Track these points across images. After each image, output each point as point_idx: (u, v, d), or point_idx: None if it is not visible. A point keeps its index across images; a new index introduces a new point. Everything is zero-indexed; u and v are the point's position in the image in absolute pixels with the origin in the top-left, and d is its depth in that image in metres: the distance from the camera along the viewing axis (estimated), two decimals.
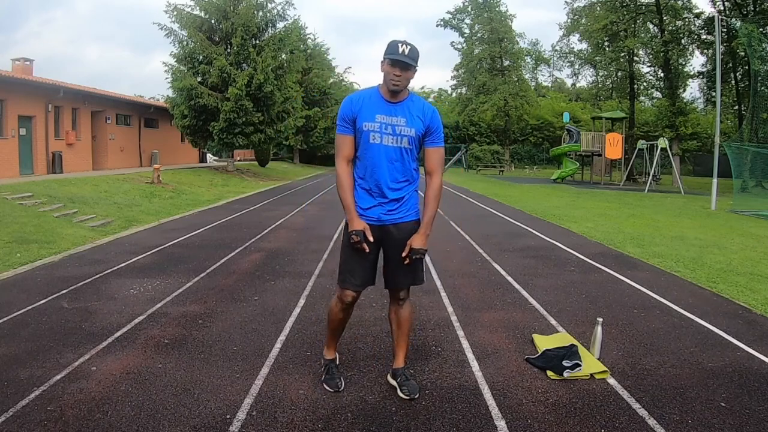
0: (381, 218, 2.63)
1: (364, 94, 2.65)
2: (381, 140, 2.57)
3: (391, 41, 2.52)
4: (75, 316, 3.97)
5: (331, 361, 2.88)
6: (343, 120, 2.62)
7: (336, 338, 2.89)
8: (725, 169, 15.25)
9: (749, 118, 18.94)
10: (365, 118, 2.57)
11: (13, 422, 2.41)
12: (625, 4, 26.42)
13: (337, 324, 2.81)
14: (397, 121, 2.57)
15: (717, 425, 2.43)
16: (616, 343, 3.48)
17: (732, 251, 6.95)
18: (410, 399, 2.69)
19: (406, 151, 2.61)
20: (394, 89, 2.53)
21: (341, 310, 2.74)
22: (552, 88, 55.40)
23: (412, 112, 2.60)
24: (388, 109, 2.58)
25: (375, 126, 2.56)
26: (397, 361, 2.86)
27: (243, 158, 34.78)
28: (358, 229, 2.56)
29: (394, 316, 2.80)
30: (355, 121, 2.59)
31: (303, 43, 34.94)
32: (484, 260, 6.21)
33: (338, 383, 2.77)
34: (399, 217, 2.66)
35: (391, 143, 2.58)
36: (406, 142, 2.59)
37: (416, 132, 2.59)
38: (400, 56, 2.47)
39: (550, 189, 19.88)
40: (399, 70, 2.49)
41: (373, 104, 2.59)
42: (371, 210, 2.63)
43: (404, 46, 2.49)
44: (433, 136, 2.65)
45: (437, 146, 2.67)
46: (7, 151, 14.26)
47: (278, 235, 8.11)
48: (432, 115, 2.64)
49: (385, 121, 2.57)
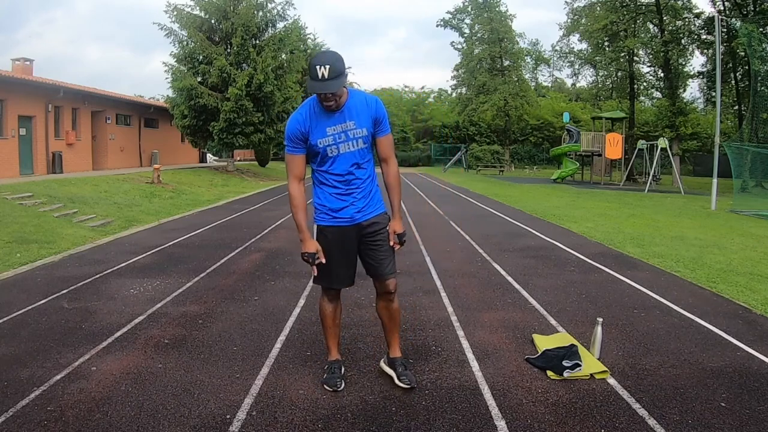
0: (354, 217, 2.70)
1: (307, 110, 2.62)
2: (338, 150, 2.62)
3: (311, 62, 2.45)
4: (75, 316, 3.97)
5: (334, 361, 2.89)
6: (291, 140, 2.64)
7: (334, 338, 2.91)
8: (725, 169, 15.24)
9: (749, 118, 18.94)
10: (317, 135, 2.59)
11: (13, 422, 2.41)
12: (625, 4, 26.41)
13: (331, 320, 2.85)
14: (348, 126, 2.61)
15: (717, 425, 2.43)
16: (616, 343, 3.48)
17: (732, 251, 6.95)
18: (410, 388, 2.76)
19: (363, 151, 2.67)
20: (329, 110, 2.56)
21: (329, 302, 2.83)
22: (552, 88, 55.35)
23: (358, 111, 2.62)
24: (335, 119, 2.60)
25: (329, 140, 2.60)
26: (394, 351, 2.92)
27: (243, 158, 34.79)
28: (311, 251, 2.66)
29: (384, 311, 2.88)
30: (307, 139, 2.61)
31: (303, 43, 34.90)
32: (484, 260, 6.21)
33: (337, 383, 2.77)
34: (369, 212, 2.73)
35: (348, 149, 2.63)
36: (362, 142, 2.65)
37: (368, 130, 2.65)
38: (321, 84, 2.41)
39: (550, 189, 19.88)
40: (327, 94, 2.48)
41: (320, 118, 2.60)
42: (343, 211, 2.69)
43: (322, 68, 2.40)
44: (381, 126, 2.69)
45: (386, 134, 2.73)
46: (7, 151, 14.26)
47: (278, 235, 8.11)
48: (376, 106, 2.67)
49: (336, 131, 2.60)
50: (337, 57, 2.47)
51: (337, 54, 2.50)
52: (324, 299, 2.85)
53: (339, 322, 2.93)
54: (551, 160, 35.80)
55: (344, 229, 2.70)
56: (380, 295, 2.86)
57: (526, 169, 39.72)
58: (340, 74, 2.45)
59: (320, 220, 2.75)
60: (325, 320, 2.87)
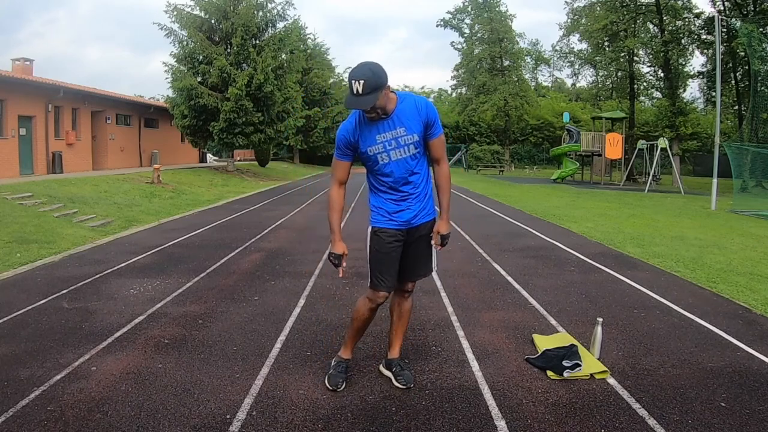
0: (410, 222, 2.71)
1: (355, 119, 2.62)
2: (390, 158, 2.61)
3: (349, 74, 2.44)
4: (75, 316, 3.97)
5: (344, 360, 2.90)
6: (341, 148, 2.66)
7: (357, 339, 2.93)
8: (725, 169, 15.24)
9: (749, 118, 18.94)
10: (367, 144, 2.60)
11: (13, 422, 2.41)
12: (625, 4, 26.41)
13: (362, 323, 2.84)
14: (398, 132, 2.59)
15: (717, 425, 2.44)
16: (616, 343, 3.48)
17: (732, 251, 6.95)
18: (406, 388, 2.78)
19: (415, 156, 2.65)
20: (374, 120, 2.55)
21: (369, 310, 2.78)
22: (552, 88, 55.37)
23: (408, 116, 2.59)
24: (384, 126, 2.58)
25: (379, 148, 2.59)
26: (393, 352, 2.94)
27: (243, 158, 34.77)
28: (338, 252, 2.66)
29: (397, 307, 2.91)
30: (356, 147, 2.62)
31: (303, 43, 34.93)
32: (484, 260, 6.21)
33: (339, 382, 2.78)
34: (424, 217, 2.75)
35: (400, 156, 2.61)
36: (413, 148, 2.62)
37: (419, 135, 2.61)
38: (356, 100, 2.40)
39: (550, 189, 19.88)
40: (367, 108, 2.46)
41: (370, 126, 2.59)
42: (399, 214, 2.69)
43: (356, 83, 2.38)
44: (432, 128, 2.66)
45: (438, 136, 2.70)
46: (7, 151, 14.26)
47: (278, 235, 8.11)
48: (426, 108, 2.63)
49: (386, 139, 2.58)
50: (373, 70, 2.41)
51: (374, 66, 2.44)
52: (366, 304, 2.79)
53: (368, 326, 2.92)
54: (551, 160, 35.81)
55: (399, 232, 2.70)
56: (396, 291, 2.88)
57: (526, 169, 39.73)
58: (377, 88, 2.40)
59: (376, 222, 2.72)
60: (356, 323, 2.84)
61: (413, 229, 2.72)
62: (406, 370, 2.90)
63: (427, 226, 2.76)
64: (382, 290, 2.73)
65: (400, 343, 2.96)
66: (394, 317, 2.93)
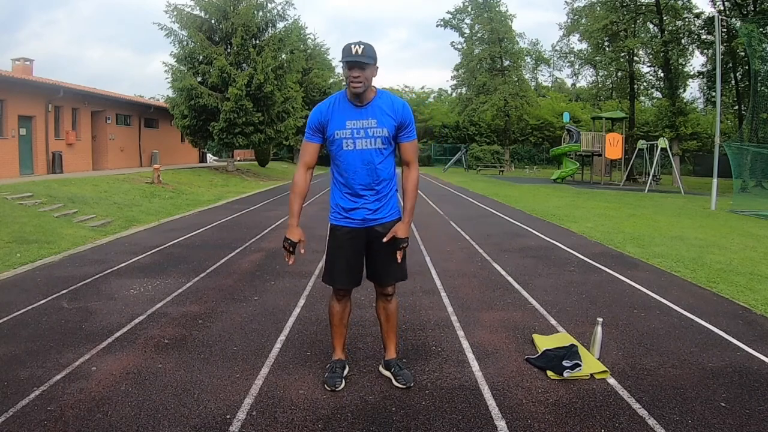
0: (366, 219, 2.69)
1: (331, 101, 2.65)
2: (354, 145, 2.60)
3: (345, 45, 2.51)
4: (75, 316, 3.97)
5: (337, 361, 2.90)
6: (311, 128, 2.66)
7: (340, 337, 2.92)
8: (725, 169, 15.24)
9: (749, 118, 18.92)
10: (336, 126, 2.60)
11: (13, 422, 2.41)
12: (625, 4, 26.41)
13: (338, 319, 2.86)
14: (369, 123, 2.59)
15: (717, 425, 2.44)
16: (616, 343, 3.48)
17: (732, 251, 6.95)
18: (406, 387, 2.78)
19: (380, 152, 2.64)
20: (356, 91, 2.52)
21: (338, 302, 2.84)
22: (552, 88, 55.34)
23: (382, 111, 2.61)
24: (357, 113, 2.59)
25: (347, 133, 2.59)
26: (389, 353, 2.96)
27: (243, 158, 34.79)
28: (293, 239, 2.68)
29: (382, 311, 2.92)
30: (325, 129, 2.62)
31: (303, 43, 34.88)
32: (484, 260, 6.21)
33: (336, 383, 2.77)
34: (382, 217, 2.72)
35: (365, 146, 2.60)
36: (380, 142, 2.62)
37: (389, 131, 2.62)
38: (355, 57, 2.46)
39: (550, 189, 19.88)
40: (357, 71, 2.48)
41: (342, 110, 2.60)
42: (355, 212, 2.69)
43: (357, 46, 2.48)
44: (405, 131, 2.67)
45: (411, 140, 2.71)
46: (7, 151, 14.26)
47: (278, 235, 8.10)
48: (402, 110, 2.65)
49: (356, 126, 2.59)
50: (370, 45, 2.51)
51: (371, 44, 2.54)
52: (333, 298, 2.86)
53: (347, 322, 2.93)
54: (551, 160, 35.80)
55: (355, 230, 2.70)
56: (378, 295, 2.90)
57: (526, 169, 39.72)
58: (373, 57, 2.50)
59: (333, 219, 2.76)
60: (332, 319, 2.88)
61: (371, 228, 2.70)
62: (405, 369, 2.90)
63: (387, 228, 2.71)
64: (337, 286, 2.78)
65: (394, 344, 2.98)
66: (382, 320, 2.94)
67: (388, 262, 2.74)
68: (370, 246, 2.75)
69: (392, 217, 2.75)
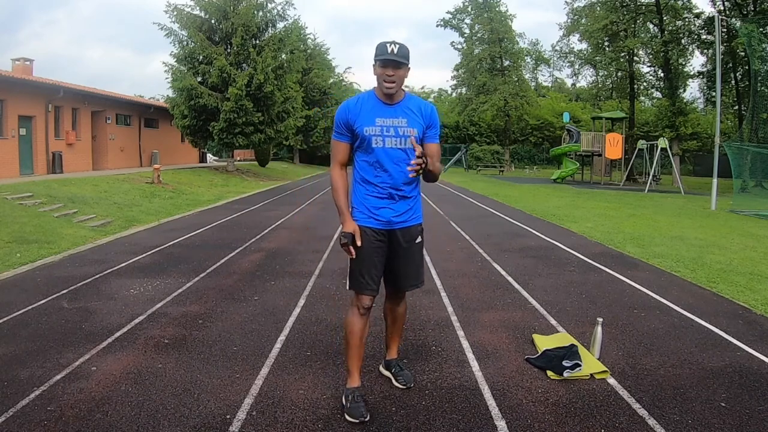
0: (391, 221, 2.59)
1: (360, 98, 2.60)
2: (384, 143, 2.53)
3: (380, 43, 2.46)
4: (75, 316, 3.97)
5: (356, 389, 2.59)
6: (339, 126, 2.59)
7: (358, 359, 2.63)
8: (725, 169, 15.23)
9: (749, 118, 18.92)
10: (365, 123, 2.52)
11: (13, 422, 2.41)
12: (625, 4, 26.42)
13: (358, 338, 2.59)
14: (399, 122, 2.54)
15: (717, 425, 2.43)
16: (616, 343, 3.48)
17: (732, 251, 6.95)
18: (406, 388, 2.76)
19: (410, 152, 2.55)
20: (389, 91, 2.49)
21: (360, 318, 2.59)
22: (552, 88, 55.36)
23: (411, 112, 2.58)
24: (387, 112, 2.54)
25: (376, 130, 2.52)
26: (391, 353, 2.93)
27: (243, 158, 34.79)
28: (348, 231, 2.53)
29: (390, 313, 2.86)
30: (352, 127, 2.55)
31: (303, 43, 34.91)
32: (484, 260, 6.21)
33: (362, 413, 2.47)
34: (406, 220, 2.62)
35: (394, 145, 2.54)
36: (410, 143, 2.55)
37: (418, 131, 2.57)
38: (390, 56, 2.42)
39: (550, 189, 19.88)
40: (391, 70, 2.45)
41: (372, 108, 2.55)
42: (382, 211, 2.58)
43: (393, 45, 2.44)
44: (431, 132, 2.64)
45: (436, 142, 2.67)
46: (7, 151, 14.26)
47: (278, 235, 8.11)
48: (431, 113, 2.63)
49: (386, 124, 2.53)
50: (406, 46, 2.48)
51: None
52: (354, 313, 2.60)
53: (365, 342, 2.67)
54: (551, 160, 35.81)
55: (380, 232, 2.58)
56: (389, 296, 2.82)
57: (526, 169, 39.73)
58: (407, 58, 2.47)
59: (356, 219, 2.59)
60: (350, 337, 2.59)
61: (395, 232, 2.60)
62: (406, 370, 2.90)
63: (412, 232, 2.64)
64: (366, 293, 2.57)
65: (397, 345, 2.95)
66: (389, 321, 2.88)
67: (409, 266, 2.67)
68: (392, 249, 2.63)
69: (416, 221, 2.67)
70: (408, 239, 2.64)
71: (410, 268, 2.68)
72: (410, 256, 2.66)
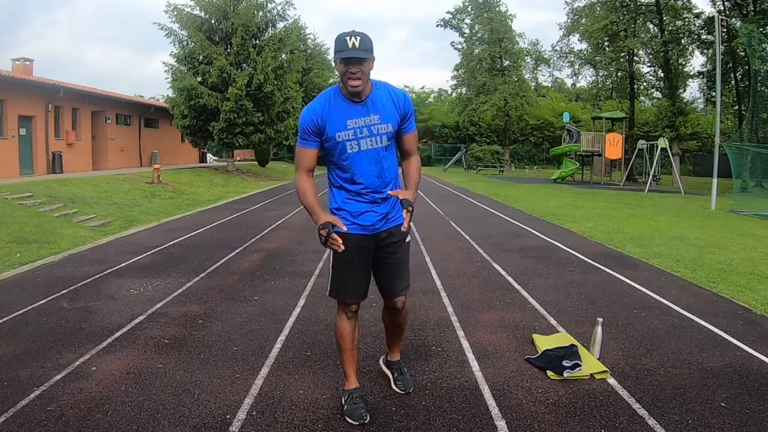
0: (376, 225, 2.45)
1: (325, 99, 2.37)
2: (359, 146, 2.36)
3: (338, 36, 2.24)
4: (75, 316, 3.97)
5: (353, 390, 2.56)
6: (305, 132, 2.37)
7: (352, 362, 2.59)
8: (725, 169, 15.23)
9: (749, 118, 18.92)
10: (336, 128, 2.33)
11: (13, 422, 2.41)
12: (625, 4, 26.41)
13: (349, 341, 2.53)
14: (371, 120, 2.35)
15: (717, 425, 2.43)
16: (616, 343, 3.48)
17: (732, 251, 6.95)
18: (405, 393, 2.73)
19: (386, 149, 2.43)
20: (355, 90, 2.27)
21: (348, 321, 2.53)
22: (552, 88, 55.33)
23: (383, 104, 2.38)
24: (357, 111, 2.34)
25: (349, 134, 2.33)
26: (393, 354, 2.88)
27: (243, 158, 34.80)
28: (326, 221, 2.30)
29: (388, 321, 2.76)
30: (322, 132, 2.35)
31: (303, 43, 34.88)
32: (484, 260, 6.21)
33: (362, 414, 2.44)
34: (390, 221, 2.50)
35: (370, 146, 2.37)
36: (386, 139, 2.40)
37: (393, 126, 2.40)
38: (352, 51, 2.20)
39: (550, 189, 19.88)
40: (355, 66, 2.23)
41: (340, 109, 2.34)
42: (364, 216, 2.43)
43: (353, 38, 2.21)
44: (408, 122, 2.47)
45: (413, 131, 2.52)
46: (7, 151, 14.26)
47: (278, 235, 8.11)
48: (404, 100, 2.43)
49: (358, 125, 2.34)
50: (366, 35, 2.26)
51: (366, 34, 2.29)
52: (342, 318, 2.54)
53: (357, 344, 2.62)
54: (551, 160, 35.82)
55: (363, 237, 2.44)
56: (388, 309, 2.71)
57: (526, 169, 39.73)
58: (370, 50, 2.25)
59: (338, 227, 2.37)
60: (342, 342, 2.54)
61: (380, 234, 2.47)
62: (406, 374, 2.85)
63: (395, 233, 2.49)
64: (348, 300, 2.49)
65: (398, 348, 2.90)
66: (388, 328, 2.80)
67: (397, 267, 2.55)
68: (378, 254, 2.51)
69: (398, 221, 2.50)
70: (392, 240, 2.50)
71: (398, 268, 2.56)
72: (396, 255, 2.54)
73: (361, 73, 2.25)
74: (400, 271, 2.58)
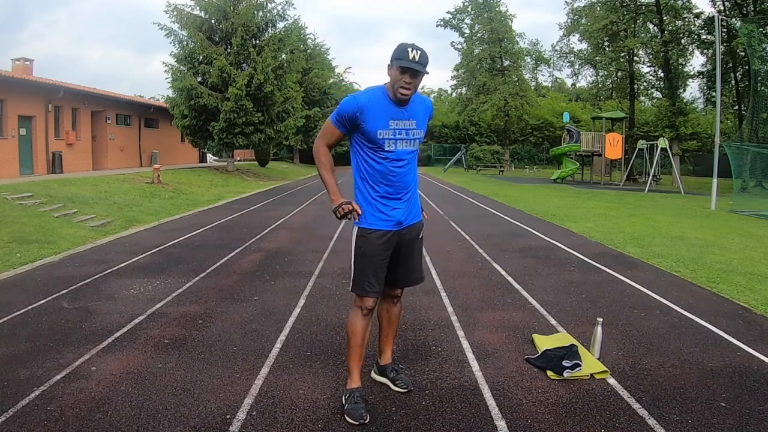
0: (401, 221, 2.56)
1: (371, 96, 2.46)
2: (396, 146, 2.48)
3: (401, 45, 2.36)
4: (75, 316, 3.97)
5: (356, 389, 2.57)
6: (342, 116, 2.46)
7: (359, 360, 2.61)
8: (725, 169, 15.23)
9: (749, 118, 18.91)
10: (378, 125, 2.44)
11: (13, 422, 2.41)
12: (625, 4, 26.41)
13: (361, 338, 2.57)
14: (410, 124, 2.50)
15: (717, 425, 2.43)
16: (616, 343, 3.48)
17: (732, 251, 6.95)
18: (407, 391, 2.74)
19: (414, 153, 2.58)
20: (404, 98, 2.41)
21: (363, 319, 2.57)
22: (552, 88, 55.34)
23: (418, 111, 2.55)
24: (399, 113, 2.47)
25: (389, 133, 2.46)
26: (385, 358, 2.87)
27: (243, 158, 34.80)
28: (342, 200, 2.46)
29: (386, 313, 2.82)
30: (358, 123, 2.44)
31: (303, 43, 34.90)
32: (484, 260, 6.21)
33: (362, 414, 2.45)
34: (412, 218, 2.63)
35: (405, 147, 2.51)
36: (417, 143, 2.58)
37: (423, 132, 2.59)
38: (411, 63, 2.32)
39: (550, 189, 19.88)
40: (409, 77, 2.36)
41: (384, 108, 2.45)
42: (394, 212, 2.53)
43: (414, 51, 2.33)
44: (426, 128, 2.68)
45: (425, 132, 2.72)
46: (7, 151, 14.26)
47: (278, 235, 8.11)
48: (431, 108, 2.67)
49: (398, 126, 2.47)
50: (425, 51, 2.39)
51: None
52: (357, 314, 2.58)
53: (367, 343, 2.64)
54: (551, 160, 35.81)
55: (389, 233, 2.53)
56: (386, 297, 2.76)
57: (526, 169, 39.72)
58: (426, 65, 2.38)
59: (365, 223, 2.52)
60: (353, 338, 2.58)
61: (404, 230, 2.58)
62: (403, 373, 2.84)
63: (415, 228, 2.64)
64: (370, 296, 2.54)
65: (391, 348, 2.88)
66: (384, 323, 2.82)
67: (412, 263, 2.68)
68: (398, 249, 2.61)
69: (419, 218, 2.68)
70: (413, 235, 2.65)
71: (416, 263, 2.72)
72: (415, 251, 2.69)
73: (413, 85, 2.40)
74: (417, 263, 2.72)
